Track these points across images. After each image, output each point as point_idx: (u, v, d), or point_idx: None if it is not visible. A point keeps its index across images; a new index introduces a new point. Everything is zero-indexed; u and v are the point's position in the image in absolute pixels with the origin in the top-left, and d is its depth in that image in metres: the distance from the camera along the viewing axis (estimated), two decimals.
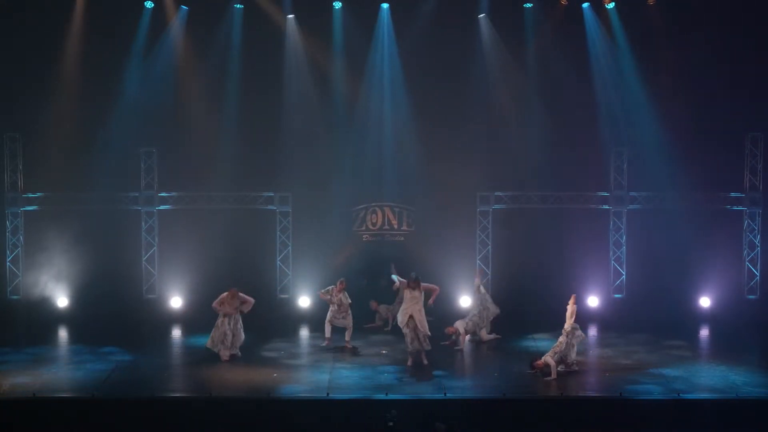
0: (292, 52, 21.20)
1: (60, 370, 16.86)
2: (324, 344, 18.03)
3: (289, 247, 21.65)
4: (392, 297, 19.47)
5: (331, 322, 18.05)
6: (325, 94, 21.30)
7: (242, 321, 17.83)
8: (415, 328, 16.62)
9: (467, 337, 18.30)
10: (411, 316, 16.66)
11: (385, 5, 21.07)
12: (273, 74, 21.15)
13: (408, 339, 16.73)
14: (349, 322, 18.09)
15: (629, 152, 21.52)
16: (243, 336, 17.54)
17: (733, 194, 21.53)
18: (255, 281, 20.33)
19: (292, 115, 21.28)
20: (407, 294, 16.96)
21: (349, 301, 18.17)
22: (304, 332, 19.69)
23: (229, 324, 17.36)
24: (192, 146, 21.04)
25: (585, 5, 21.09)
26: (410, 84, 21.17)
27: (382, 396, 14.78)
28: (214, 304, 17.47)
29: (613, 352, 18.01)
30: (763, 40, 20.67)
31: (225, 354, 17.29)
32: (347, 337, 18.07)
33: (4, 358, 17.29)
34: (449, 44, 20.96)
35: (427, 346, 16.77)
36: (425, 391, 15.40)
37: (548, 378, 15.91)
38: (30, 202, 21.32)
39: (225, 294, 17.48)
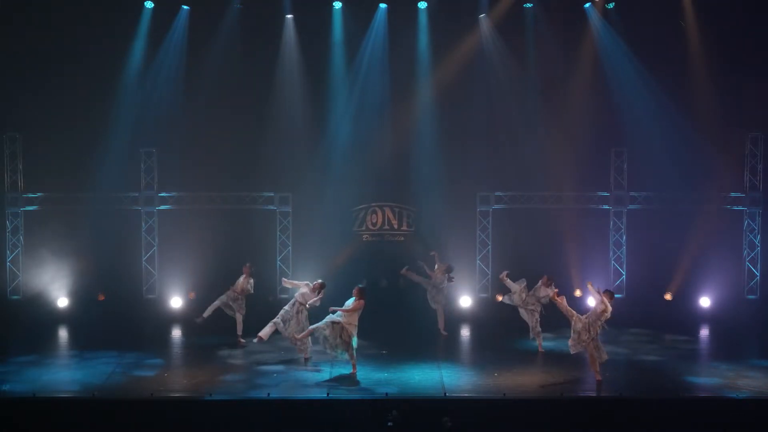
0: (292, 52, 21.22)
1: (60, 370, 16.85)
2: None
3: (289, 247, 21.66)
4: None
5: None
6: (324, 93, 21.32)
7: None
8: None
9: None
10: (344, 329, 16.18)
11: (383, 5, 21.07)
12: (273, 74, 21.18)
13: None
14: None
15: (629, 152, 21.54)
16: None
17: (733, 194, 21.55)
18: (255, 281, 20.32)
19: (292, 115, 21.29)
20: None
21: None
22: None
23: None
24: (192, 146, 21.05)
25: (587, 5, 21.10)
26: (410, 84, 21.18)
27: (382, 396, 14.77)
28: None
29: (613, 352, 17.98)
30: (763, 41, 20.68)
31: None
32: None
33: (5, 358, 17.28)
34: (449, 44, 20.97)
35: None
36: (425, 391, 15.40)
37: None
38: (30, 202, 21.34)
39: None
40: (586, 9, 21.15)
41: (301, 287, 17.31)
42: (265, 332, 17.03)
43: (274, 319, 17.08)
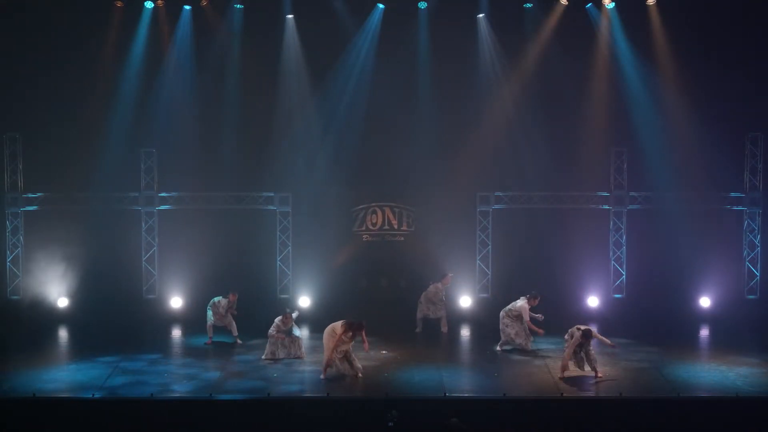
0: (292, 52, 21.23)
1: (60, 370, 16.85)
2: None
3: (289, 247, 21.66)
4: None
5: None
6: (324, 94, 21.33)
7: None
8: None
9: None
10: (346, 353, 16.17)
11: (381, 6, 21.06)
12: (272, 74, 21.18)
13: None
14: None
15: (629, 152, 21.53)
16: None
17: (733, 194, 21.54)
18: (255, 281, 20.37)
19: (292, 115, 21.31)
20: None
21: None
22: (304, 332, 19.65)
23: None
24: (192, 146, 21.06)
25: (588, 5, 21.09)
26: (410, 84, 21.18)
27: (382, 396, 14.77)
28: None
29: (613, 352, 17.98)
30: (763, 40, 20.69)
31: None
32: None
33: (5, 359, 17.27)
34: (448, 44, 20.97)
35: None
36: (425, 391, 15.41)
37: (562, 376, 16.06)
38: (30, 202, 21.34)
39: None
40: (588, 9, 21.15)
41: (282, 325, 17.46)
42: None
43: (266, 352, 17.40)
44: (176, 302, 21.00)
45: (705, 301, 21.10)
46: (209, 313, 18.61)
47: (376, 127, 21.19)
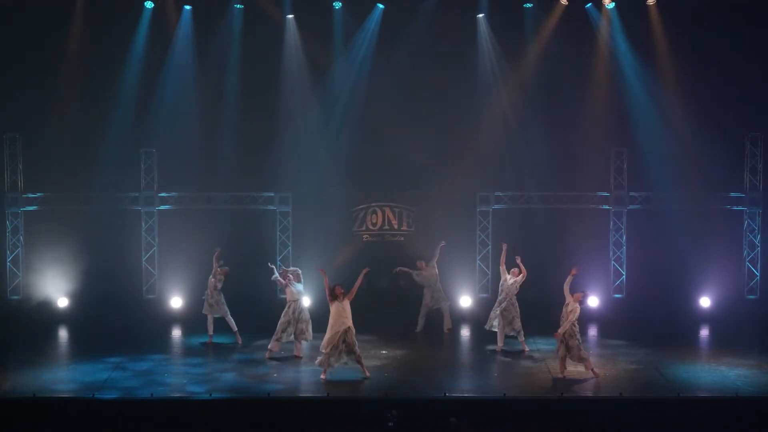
0: (292, 52, 21.26)
1: (60, 370, 16.85)
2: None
3: (289, 247, 21.67)
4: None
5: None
6: (324, 94, 21.35)
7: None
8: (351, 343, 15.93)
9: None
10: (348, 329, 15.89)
11: (380, 6, 21.07)
12: (273, 74, 21.21)
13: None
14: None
15: (629, 152, 21.54)
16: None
17: (733, 194, 21.55)
18: (255, 281, 20.35)
19: (292, 115, 21.33)
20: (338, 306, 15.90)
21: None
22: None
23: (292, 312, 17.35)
24: (192, 146, 21.08)
25: (588, 5, 21.10)
26: (410, 84, 21.18)
27: (382, 396, 14.77)
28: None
29: (613, 352, 18.01)
30: (762, 41, 20.70)
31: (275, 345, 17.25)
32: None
33: (5, 358, 17.27)
34: (448, 44, 20.98)
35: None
36: (425, 391, 15.40)
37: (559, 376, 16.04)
38: (30, 202, 21.35)
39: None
40: (588, 9, 21.16)
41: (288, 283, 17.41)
42: (272, 346, 17.31)
43: (274, 338, 17.24)
44: (176, 302, 21.01)
45: (705, 301, 21.11)
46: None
47: (376, 127, 21.20)
